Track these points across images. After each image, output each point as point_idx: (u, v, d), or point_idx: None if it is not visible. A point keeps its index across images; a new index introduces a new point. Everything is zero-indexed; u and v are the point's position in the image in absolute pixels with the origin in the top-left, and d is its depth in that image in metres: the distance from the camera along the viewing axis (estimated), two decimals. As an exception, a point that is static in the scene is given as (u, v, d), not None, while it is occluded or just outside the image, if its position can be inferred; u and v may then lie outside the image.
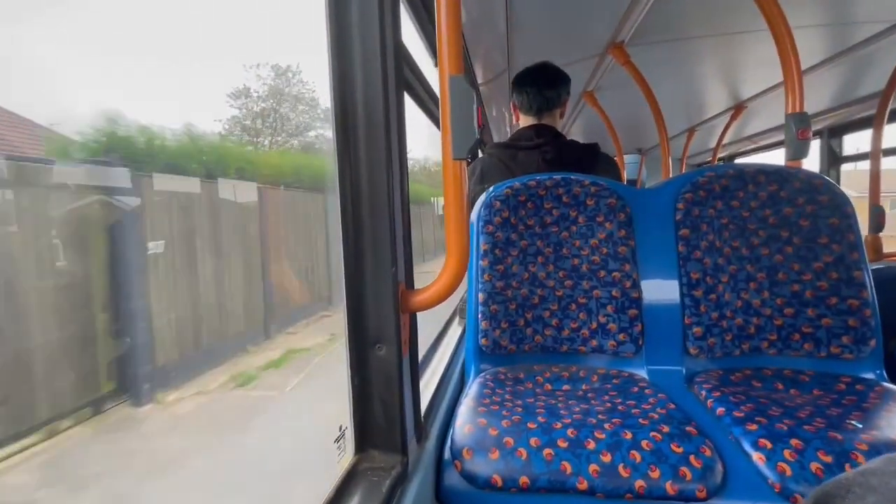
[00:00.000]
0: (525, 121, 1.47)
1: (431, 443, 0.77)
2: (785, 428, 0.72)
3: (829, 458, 0.66)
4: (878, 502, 0.23)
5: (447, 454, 0.75)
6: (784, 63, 1.29)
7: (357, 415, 0.64)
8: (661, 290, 1.06)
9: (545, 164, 1.36)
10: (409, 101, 1.06)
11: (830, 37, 1.75)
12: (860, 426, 0.72)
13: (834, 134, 2.94)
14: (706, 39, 1.80)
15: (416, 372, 0.70)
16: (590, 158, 1.39)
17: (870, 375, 0.96)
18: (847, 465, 0.66)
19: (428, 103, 1.20)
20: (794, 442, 0.69)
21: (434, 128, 1.40)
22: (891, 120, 2.18)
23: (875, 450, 0.67)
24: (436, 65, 0.89)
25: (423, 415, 0.77)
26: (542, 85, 1.41)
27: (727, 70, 2.24)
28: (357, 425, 0.64)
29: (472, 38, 1.70)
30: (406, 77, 0.96)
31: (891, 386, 0.89)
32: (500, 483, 0.69)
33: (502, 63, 2.03)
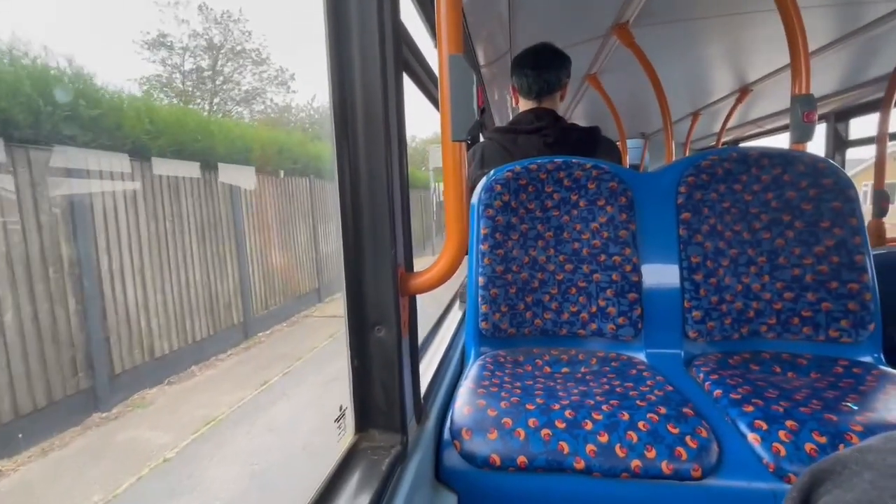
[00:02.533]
0: (525, 104, 1.46)
1: (431, 423, 0.78)
2: (781, 410, 0.73)
3: (823, 439, 0.67)
4: (873, 478, 0.23)
5: (446, 434, 0.76)
6: (791, 44, 1.26)
7: (357, 395, 0.65)
8: (661, 274, 1.06)
9: (546, 148, 1.35)
10: (408, 83, 1.05)
11: (838, 17, 1.71)
12: (856, 408, 0.73)
13: (840, 118, 2.91)
14: (712, 20, 1.77)
15: (415, 354, 0.71)
16: (590, 142, 1.38)
17: (868, 359, 0.96)
18: (841, 446, 0.67)
19: (427, 84, 1.18)
20: (789, 423, 0.70)
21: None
22: None
23: (870, 431, 0.67)
24: (435, 45, 0.87)
25: (422, 396, 0.78)
26: (542, 68, 1.38)
27: (733, 52, 2.20)
28: (357, 405, 0.65)
29: (473, 20, 1.67)
30: (405, 58, 0.95)
31: (888, 369, 0.89)
32: (498, 462, 0.70)
33: (504, 45, 2.00)
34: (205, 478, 2.62)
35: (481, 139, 2.52)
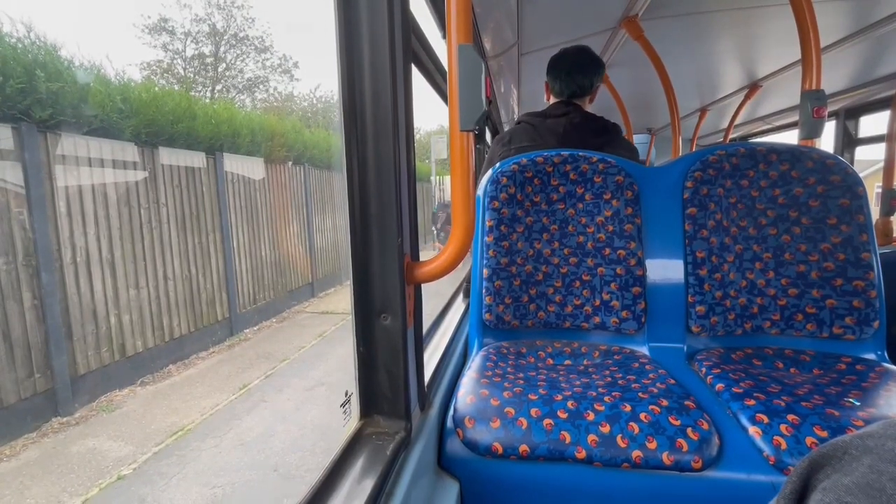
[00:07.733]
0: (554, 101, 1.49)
1: (434, 411, 0.79)
2: (783, 404, 0.73)
3: (824, 434, 0.67)
4: (873, 463, 0.23)
5: (450, 423, 0.77)
6: (803, 38, 1.25)
7: (362, 381, 0.66)
8: (665, 269, 1.06)
9: (571, 128, 1.38)
10: (416, 74, 1.05)
11: (851, 13, 1.69)
12: (858, 404, 0.73)
13: (850, 115, 2.87)
14: (723, 14, 1.75)
15: (420, 342, 0.72)
16: (612, 135, 1.40)
17: (871, 356, 0.96)
18: None
19: (435, 76, 1.18)
20: (790, 417, 0.70)
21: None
22: None
23: None
24: (444, 37, 0.87)
25: (426, 385, 0.79)
26: (575, 73, 1.42)
27: (743, 46, 2.18)
28: (362, 391, 0.66)
29: (481, 11, 1.66)
30: (414, 48, 0.95)
31: (892, 367, 0.89)
32: (500, 450, 0.71)
33: (511, 37, 1.98)
34: (159, 502, 2.42)
35: (487, 133, 2.51)
